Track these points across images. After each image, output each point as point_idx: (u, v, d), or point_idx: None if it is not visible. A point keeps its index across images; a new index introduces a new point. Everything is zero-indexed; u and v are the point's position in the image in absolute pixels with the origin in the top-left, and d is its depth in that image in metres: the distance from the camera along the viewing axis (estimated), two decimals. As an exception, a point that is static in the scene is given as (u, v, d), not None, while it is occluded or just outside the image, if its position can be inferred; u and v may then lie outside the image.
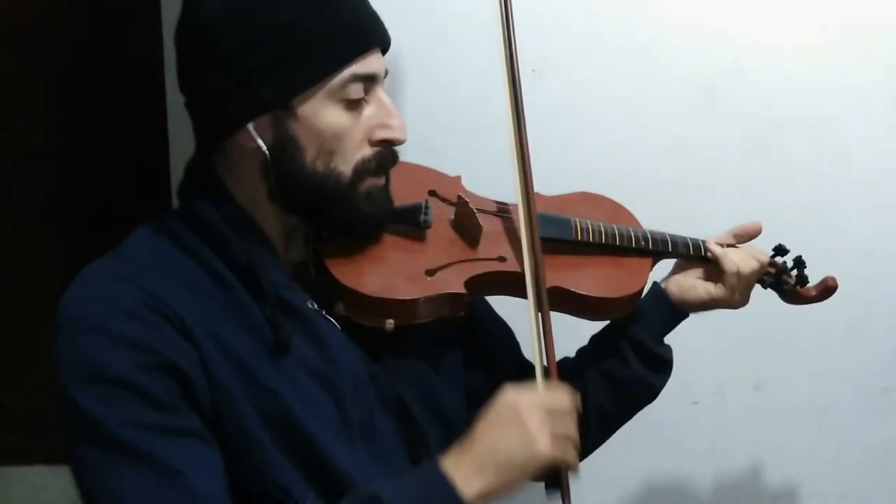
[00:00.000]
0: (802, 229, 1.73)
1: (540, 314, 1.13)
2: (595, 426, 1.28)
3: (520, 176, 1.18)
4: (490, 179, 1.26)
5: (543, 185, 1.34)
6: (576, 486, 1.06)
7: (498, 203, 1.26)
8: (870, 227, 1.77)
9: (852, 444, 1.85)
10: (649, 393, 1.30)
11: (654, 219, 1.34)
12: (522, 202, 1.17)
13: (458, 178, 1.28)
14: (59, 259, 2.49)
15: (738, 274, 1.27)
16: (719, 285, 1.28)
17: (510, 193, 1.21)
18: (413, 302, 1.09)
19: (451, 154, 1.57)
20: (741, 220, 1.36)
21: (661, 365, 1.29)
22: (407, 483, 0.99)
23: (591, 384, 1.27)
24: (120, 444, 0.93)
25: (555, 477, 1.05)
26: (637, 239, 1.27)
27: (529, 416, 1.01)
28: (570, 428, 1.04)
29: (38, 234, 2.55)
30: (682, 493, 1.87)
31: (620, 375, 1.27)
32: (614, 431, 1.33)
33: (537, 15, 1.68)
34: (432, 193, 1.23)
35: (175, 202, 1.13)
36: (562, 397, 1.05)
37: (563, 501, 1.07)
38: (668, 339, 1.30)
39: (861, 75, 1.72)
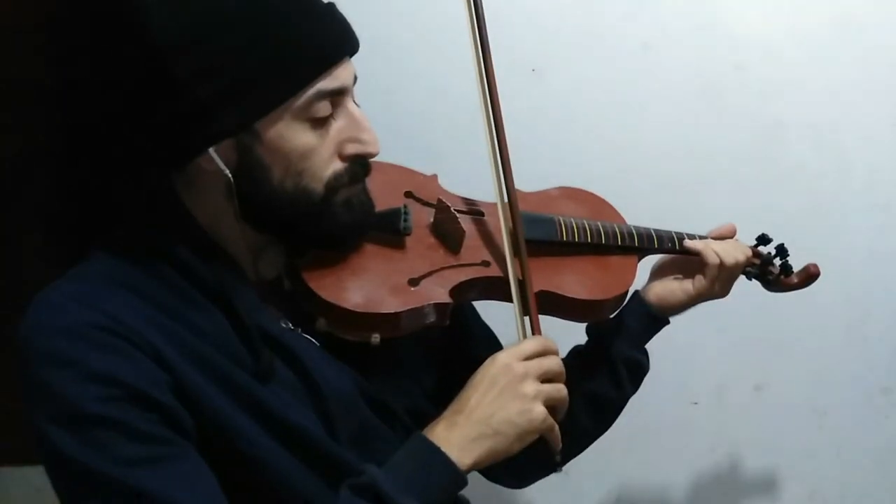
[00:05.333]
0: (802, 229, 1.73)
1: (528, 318, 1.10)
2: (569, 443, 1.22)
3: (499, 179, 1.13)
4: (469, 176, 1.21)
5: (543, 185, 1.34)
6: (576, 480, 1.04)
7: (478, 203, 1.21)
8: (870, 227, 1.77)
9: (852, 444, 1.84)
10: (621, 408, 1.28)
11: (653, 219, 1.33)
12: (504, 211, 1.13)
13: (435, 176, 1.22)
14: (57, 259, 2.49)
15: (721, 265, 1.25)
16: (699, 279, 1.25)
17: (490, 190, 1.15)
18: (398, 315, 1.04)
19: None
20: (741, 220, 1.35)
21: (641, 377, 1.28)
22: (402, 465, 0.96)
23: (574, 403, 1.21)
24: (110, 484, 0.88)
25: (543, 448, 1.04)
26: (622, 236, 1.24)
27: (526, 382, 0.99)
28: (564, 391, 1.04)
29: (37, 235, 2.54)
30: (683, 493, 1.87)
31: (611, 397, 1.24)
32: (584, 449, 1.29)
33: (537, 15, 1.68)
34: (409, 195, 1.17)
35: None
36: (554, 360, 1.04)
37: (557, 468, 1.08)
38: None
39: (862, 75, 1.72)
